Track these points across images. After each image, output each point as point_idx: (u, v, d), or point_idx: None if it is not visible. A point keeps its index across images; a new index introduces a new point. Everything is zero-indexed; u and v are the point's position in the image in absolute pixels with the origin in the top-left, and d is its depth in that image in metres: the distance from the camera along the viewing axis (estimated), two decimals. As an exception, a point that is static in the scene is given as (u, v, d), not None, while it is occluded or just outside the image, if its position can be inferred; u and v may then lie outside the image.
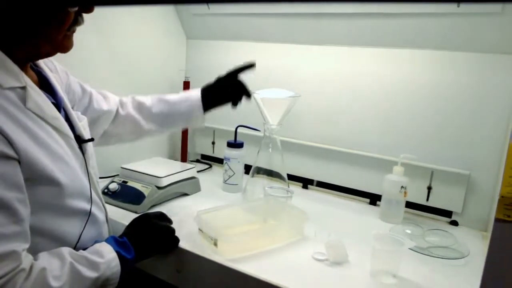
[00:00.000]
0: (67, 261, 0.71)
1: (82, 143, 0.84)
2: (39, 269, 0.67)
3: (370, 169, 1.29)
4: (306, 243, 0.99)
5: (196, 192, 1.26)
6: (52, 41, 0.73)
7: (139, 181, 1.18)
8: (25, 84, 0.72)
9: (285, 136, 1.42)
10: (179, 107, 1.09)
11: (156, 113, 1.08)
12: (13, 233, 0.65)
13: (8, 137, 0.65)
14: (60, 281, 0.68)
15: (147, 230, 0.88)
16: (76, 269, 0.71)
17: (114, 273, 0.77)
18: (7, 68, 0.70)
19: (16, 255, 0.65)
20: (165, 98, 1.10)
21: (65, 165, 0.76)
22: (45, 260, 0.70)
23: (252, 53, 1.48)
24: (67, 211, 0.77)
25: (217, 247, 0.91)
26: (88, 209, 0.81)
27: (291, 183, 1.44)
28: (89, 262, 0.74)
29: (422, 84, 1.20)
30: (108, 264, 0.76)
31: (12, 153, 0.65)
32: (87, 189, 0.82)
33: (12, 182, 0.65)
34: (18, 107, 0.69)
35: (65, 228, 0.77)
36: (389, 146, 1.25)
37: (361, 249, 0.94)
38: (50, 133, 0.74)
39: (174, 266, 0.95)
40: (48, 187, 0.72)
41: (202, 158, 1.67)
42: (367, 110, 1.29)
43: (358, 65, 1.29)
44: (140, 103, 1.10)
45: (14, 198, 0.65)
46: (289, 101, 1.16)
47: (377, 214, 1.20)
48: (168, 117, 1.09)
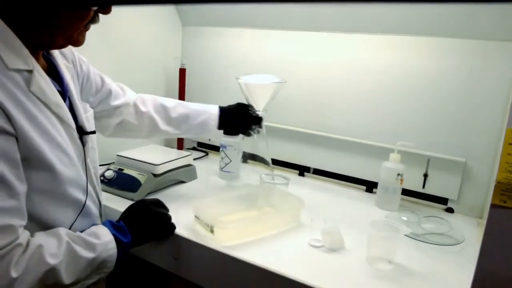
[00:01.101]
0: (64, 240, 0.71)
1: (83, 134, 0.84)
2: (36, 245, 0.68)
3: (366, 157, 1.29)
4: (302, 230, 1.00)
5: (193, 180, 1.26)
6: (67, 35, 0.74)
7: (135, 168, 1.18)
8: (32, 68, 0.72)
9: (281, 123, 1.43)
10: (197, 117, 1.14)
11: (175, 117, 1.13)
12: (10, 207, 0.65)
13: (8, 113, 0.65)
14: (57, 259, 0.69)
15: (144, 216, 0.89)
16: (73, 248, 0.72)
17: (110, 255, 0.77)
18: (17, 50, 0.70)
19: (13, 229, 0.65)
20: (185, 104, 1.16)
21: (62, 152, 0.75)
22: (42, 238, 0.70)
23: (248, 40, 1.47)
24: (61, 199, 0.77)
25: (213, 234, 0.91)
26: (82, 201, 0.81)
27: (287, 170, 1.45)
28: (86, 243, 0.74)
29: (418, 71, 1.19)
30: (104, 246, 0.76)
31: (11, 129, 0.66)
32: (83, 181, 0.82)
33: (9, 157, 0.66)
34: (21, 89, 0.70)
35: (57, 216, 0.77)
36: (386, 134, 1.25)
37: (357, 236, 0.95)
38: (50, 119, 0.74)
39: (171, 253, 0.95)
40: (42, 171, 0.72)
41: (198, 145, 1.67)
42: (364, 97, 1.28)
43: (355, 52, 1.28)
44: (161, 104, 1.14)
45: (11, 172, 0.65)
46: (274, 87, 1.14)
47: (373, 201, 1.21)
48: (185, 124, 1.14)
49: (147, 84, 1.50)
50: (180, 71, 1.53)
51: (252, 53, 1.46)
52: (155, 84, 1.55)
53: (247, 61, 1.47)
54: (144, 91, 1.32)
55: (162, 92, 1.59)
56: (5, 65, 0.68)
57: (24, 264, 0.65)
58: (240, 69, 1.45)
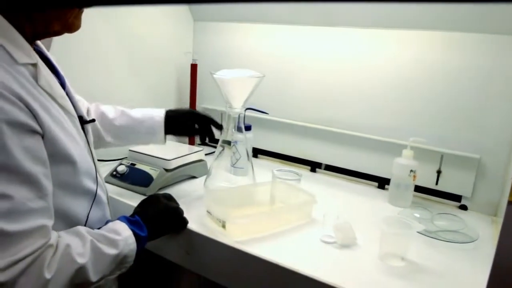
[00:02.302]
0: (88, 239, 0.72)
1: (84, 123, 0.85)
2: (64, 246, 0.68)
3: (379, 153, 1.28)
4: (314, 226, 1.00)
5: (204, 175, 1.26)
6: (62, 20, 0.73)
7: (147, 163, 1.19)
8: (36, 61, 0.72)
9: (292, 119, 1.43)
10: (142, 124, 1.07)
11: (118, 126, 1.07)
12: (41, 208, 0.65)
13: (33, 110, 0.65)
14: (85, 258, 0.69)
15: (157, 210, 0.89)
16: (97, 246, 0.72)
17: (131, 250, 0.77)
18: (19, 44, 0.69)
19: (45, 230, 0.66)
20: (128, 113, 1.09)
21: (76, 143, 0.76)
22: (67, 238, 0.70)
23: (259, 35, 1.46)
24: (78, 191, 0.78)
25: (225, 229, 0.91)
26: (94, 189, 0.82)
27: (299, 166, 1.45)
28: (108, 240, 0.75)
29: (431, 67, 1.18)
30: (125, 241, 0.76)
31: (37, 127, 0.66)
32: (93, 169, 0.82)
33: (38, 156, 0.66)
34: (32, 84, 0.69)
35: (75, 208, 0.78)
36: (399, 130, 1.24)
37: (370, 232, 0.94)
38: (60, 112, 0.74)
39: (183, 248, 0.96)
40: (65, 165, 0.73)
41: (209, 141, 1.66)
42: (377, 93, 1.27)
43: (367, 47, 1.27)
44: (103, 113, 1.07)
45: (41, 172, 0.66)
46: (251, 81, 1.09)
47: (385, 197, 1.20)
48: (129, 133, 1.08)
49: (159, 80, 1.51)
50: (192, 67, 1.53)
51: (262, 48, 1.46)
52: (167, 80, 1.55)
53: (257, 56, 1.47)
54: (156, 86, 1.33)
55: (174, 87, 1.59)
56: (14, 60, 0.67)
57: (56, 265, 0.65)
58: (250, 64, 1.45)
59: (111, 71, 1.31)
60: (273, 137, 1.49)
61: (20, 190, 0.63)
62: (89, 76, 1.24)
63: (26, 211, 0.63)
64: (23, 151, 0.63)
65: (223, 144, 1.17)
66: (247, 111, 1.26)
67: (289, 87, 1.43)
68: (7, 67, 0.65)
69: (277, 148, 1.50)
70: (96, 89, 1.26)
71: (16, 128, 0.62)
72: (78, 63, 1.21)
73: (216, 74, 1.09)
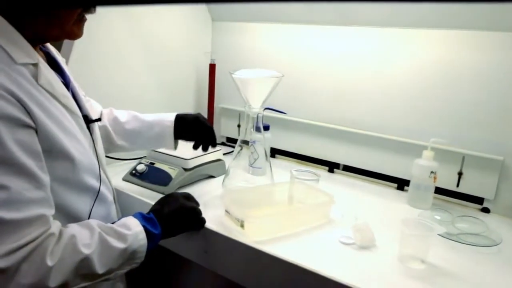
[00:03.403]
0: (96, 231, 0.73)
1: (89, 123, 0.86)
2: (70, 236, 0.70)
3: (398, 154, 1.27)
4: (332, 226, 0.99)
5: (222, 175, 1.26)
6: (62, 25, 0.74)
7: (166, 162, 1.20)
8: (37, 61, 0.73)
9: (310, 119, 1.42)
10: (152, 129, 1.09)
11: (129, 130, 1.09)
12: (39, 198, 0.67)
13: (26, 106, 0.67)
14: (90, 249, 0.70)
15: (174, 208, 0.89)
16: (105, 239, 0.73)
17: (141, 245, 0.78)
18: (20, 44, 0.71)
19: (45, 218, 0.67)
20: (140, 117, 1.11)
21: (76, 141, 0.78)
22: (75, 229, 0.72)
23: (277, 34, 1.46)
24: (79, 187, 0.79)
25: (243, 228, 0.92)
26: (97, 187, 0.84)
27: (316, 166, 1.45)
28: (117, 234, 0.76)
29: (453, 66, 1.16)
30: (135, 236, 0.77)
31: (31, 122, 0.67)
32: (96, 167, 0.84)
33: (32, 149, 0.67)
34: (31, 83, 0.71)
35: (77, 204, 0.79)
36: (419, 130, 1.22)
37: (389, 233, 0.93)
38: (60, 110, 0.76)
39: (202, 247, 0.96)
40: (63, 161, 0.74)
41: (227, 140, 1.68)
42: (397, 93, 1.26)
43: (387, 46, 1.26)
44: (115, 117, 1.10)
45: (35, 164, 0.67)
46: (270, 81, 1.09)
47: (405, 199, 1.19)
48: (139, 137, 1.10)
49: (177, 80, 1.52)
50: (210, 67, 1.54)
51: (280, 47, 1.46)
52: (185, 80, 1.57)
53: (275, 55, 1.47)
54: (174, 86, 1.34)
55: (193, 87, 1.60)
56: (13, 60, 0.69)
57: (59, 253, 0.67)
58: (268, 63, 1.45)
59: (129, 71, 1.33)
60: (291, 137, 1.48)
61: (17, 181, 0.64)
62: (108, 76, 1.26)
63: (24, 200, 0.65)
64: (16, 144, 0.65)
65: (241, 144, 1.18)
66: (266, 111, 1.26)
67: (307, 87, 1.42)
68: (4, 66, 0.67)
69: (294, 148, 1.50)
70: (115, 89, 1.28)
71: (8, 122, 0.64)
72: (98, 63, 1.23)
73: (235, 74, 1.09)
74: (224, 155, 1.35)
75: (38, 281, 0.64)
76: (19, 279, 0.63)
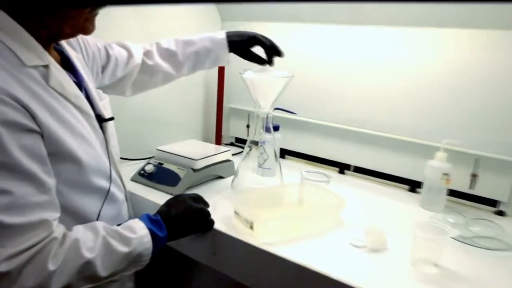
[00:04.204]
0: (101, 235, 0.74)
1: (102, 122, 0.86)
2: (73, 239, 0.70)
3: (410, 155, 1.26)
4: (343, 228, 0.99)
5: (231, 175, 1.26)
6: (73, 23, 0.74)
7: (174, 163, 1.20)
8: (48, 63, 0.74)
9: (320, 119, 1.42)
10: (205, 47, 1.11)
11: (184, 58, 1.12)
12: (43, 202, 0.68)
13: (31, 111, 0.67)
14: (93, 253, 0.71)
15: (181, 210, 0.90)
16: (109, 242, 0.74)
17: (146, 249, 0.78)
18: (31, 46, 0.72)
19: (47, 223, 0.68)
20: (190, 40, 1.13)
21: (86, 143, 0.78)
22: (80, 232, 0.73)
23: (287, 34, 1.45)
24: (87, 189, 0.79)
25: (253, 230, 0.91)
26: (107, 187, 0.84)
27: (327, 167, 1.44)
28: (122, 237, 0.76)
29: (467, 65, 1.14)
30: (140, 239, 0.78)
31: (35, 127, 0.68)
32: (107, 168, 0.84)
33: (37, 154, 0.68)
34: (41, 85, 0.71)
35: (85, 206, 0.80)
36: (431, 131, 1.21)
37: (401, 236, 0.93)
38: (72, 112, 0.77)
39: (210, 248, 0.96)
40: (69, 164, 0.74)
41: (236, 141, 1.68)
42: (409, 93, 1.25)
43: (399, 46, 1.24)
44: (167, 50, 1.12)
45: (40, 169, 0.68)
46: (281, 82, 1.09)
47: (417, 201, 1.18)
48: (196, 60, 1.13)
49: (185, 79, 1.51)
50: (219, 68, 1.53)
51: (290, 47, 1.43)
52: (194, 79, 1.56)
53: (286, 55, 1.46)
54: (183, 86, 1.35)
55: (201, 87, 1.61)
56: (22, 63, 0.70)
57: (62, 257, 0.68)
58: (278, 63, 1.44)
59: None
60: (301, 138, 1.48)
61: (20, 186, 0.65)
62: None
63: (27, 205, 0.66)
64: (20, 149, 0.65)
65: (251, 145, 1.17)
66: (275, 111, 1.26)
67: (317, 87, 1.42)
68: (12, 70, 0.68)
69: (305, 149, 1.49)
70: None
71: (11, 128, 0.65)
72: None
73: (245, 74, 1.09)
74: (233, 156, 1.34)
75: (40, 284, 0.65)
76: (21, 282, 0.64)
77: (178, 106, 1.51)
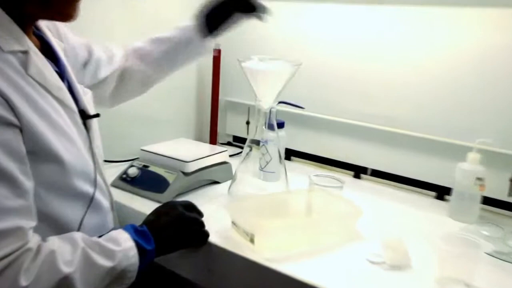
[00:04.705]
0: (80, 246, 0.74)
1: (86, 118, 0.88)
2: (48, 251, 0.71)
3: (438, 156, 1.27)
4: (359, 242, 1.00)
5: (229, 180, 1.27)
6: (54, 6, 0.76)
7: (162, 165, 1.21)
8: (28, 48, 0.76)
9: (331, 114, 1.43)
10: (178, 38, 1.12)
11: (159, 57, 1.13)
12: (18, 207, 0.69)
13: (10, 101, 0.69)
14: (71, 267, 0.71)
15: (171, 220, 0.90)
16: (89, 256, 0.74)
17: (132, 264, 0.79)
18: (9, 30, 0.74)
19: (22, 232, 0.69)
20: (161, 37, 1.14)
21: (68, 141, 0.80)
22: (55, 243, 0.73)
23: (292, 16, 1.46)
24: (69, 193, 0.81)
25: (254, 243, 0.92)
26: (91, 193, 0.85)
27: (340, 171, 1.45)
28: (104, 250, 0.77)
29: (506, 53, 1.15)
30: (124, 253, 0.78)
31: (14, 120, 0.69)
32: (91, 171, 0.85)
33: (14, 151, 0.69)
34: (19, 72, 0.73)
35: (65, 213, 0.81)
36: (463, 129, 1.22)
37: (426, 251, 0.94)
38: (52, 105, 0.78)
39: (205, 264, 0.97)
40: (50, 164, 0.76)
41: (234, 140, 1.69)
42: (436, 85, 1.25)
43: (423, 29, 1.25)
44: (138, 50, 1.15)
45: (17, 168, 0.69)
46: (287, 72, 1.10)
47: (445, 210, 1.19)
48: (171, 57, 1.14)
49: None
50: (214, 53, 1.53)
51: (296, 31, 1.47)
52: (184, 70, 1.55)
53: (290, 40, 1.47)
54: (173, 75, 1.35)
55: (194, 76, 1.62)
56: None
57: (35, 272, 0.68)
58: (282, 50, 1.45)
59: None
60: (310, 136, 1.49)
61: None
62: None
63: (1, 209, 0.67)
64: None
65: (251, 144, 1.18)
66: (279, 105, 1.26)
67: (328, 77, 1.43)
68: None
69: (314, 149, 1.50)
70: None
71: None
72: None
73: (245, 62, 1.09)
74: (230, 157, 1.35)
75: None
76: None
77: (167, 99, 1.52)
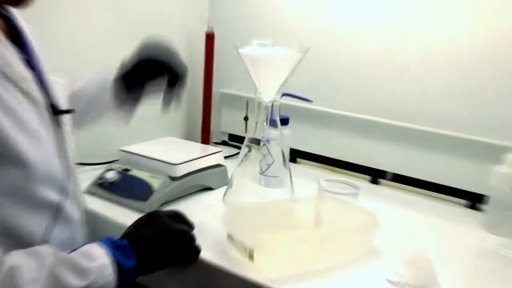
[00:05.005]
0: (46, 262, 0.73)
1: (57, 114, 0.87)
2: (9, 267, 0.70)
3: (470, 158, 1.27)
4: (376, 258, 0.99)
5: (224, 186, 1.26)
6: None
7: (145, 169, 1.20)
8: None
9: (344, 109, 1.44)
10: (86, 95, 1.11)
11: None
12: None
13: None
14: (36, 285, 0.70)
15: (156, 233, 0.89)
16: (58, 273, 0.73)
17: (107, 282, 0.78)
18: None
19: None
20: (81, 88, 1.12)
21: (34, 139, 0.79)
22: (18, 258, 0.72)
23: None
24: (34, 201, 0.80)
25: (253, 260, 0.92)
26: (59, 202, 0.84)
27: (355, 175, 1.46)
28: (75, 267, 0.76)
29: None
30: (100, 270, 0.77)
31: None
32: (59, 175, 0.85)
33: None
34: None
35: (29, 225, 0.80)
36: (500, 125, 1.22)
37: (456, 269, 0.94)
38: (18, 98, 0.77)
39: (197, 284, 0.97)
40: (12, 166, 0.75)
41: (230, 139, 1.70)
42: (467, 74, 1.26)
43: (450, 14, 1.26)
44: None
45: None
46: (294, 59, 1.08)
47: (479, 222, 1.19)
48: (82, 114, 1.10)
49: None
50: (207, 37, 1.55)
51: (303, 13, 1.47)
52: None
53: (296, 24, 1.49)
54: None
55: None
56: None
57: None
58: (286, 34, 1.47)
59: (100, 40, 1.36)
60: (319, 134, 1.49)
61: None
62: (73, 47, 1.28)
63: None
64: None
65: (250, 144, 1.18)
66: (283, 98, 1.26)
67: (340, 66, 1.43)
68: None
69: (324, 150, 1.51)
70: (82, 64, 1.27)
71: None
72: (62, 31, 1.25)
73: (243, 48, 1.09)
74: (226, 159, 1.35)
75: None
76: None
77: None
